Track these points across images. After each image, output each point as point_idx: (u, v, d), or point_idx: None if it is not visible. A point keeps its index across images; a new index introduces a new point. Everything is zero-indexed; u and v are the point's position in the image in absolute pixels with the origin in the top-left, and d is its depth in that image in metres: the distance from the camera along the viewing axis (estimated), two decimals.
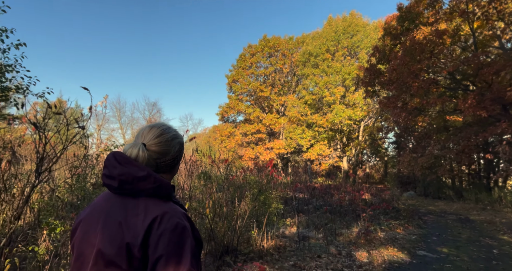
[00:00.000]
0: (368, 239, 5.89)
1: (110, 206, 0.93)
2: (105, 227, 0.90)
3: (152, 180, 0.92)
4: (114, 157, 0.95)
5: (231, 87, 29.60)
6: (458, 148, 13.25)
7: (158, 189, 0.93)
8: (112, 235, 0.87)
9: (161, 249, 0.83)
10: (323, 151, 25.42)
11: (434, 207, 13.95)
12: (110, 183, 0.94)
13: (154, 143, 1.01)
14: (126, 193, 0.93)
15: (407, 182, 20.23)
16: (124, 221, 0.88)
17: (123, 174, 0.91)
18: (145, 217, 0.87)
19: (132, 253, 0.84)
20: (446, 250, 5.89)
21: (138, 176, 0.91)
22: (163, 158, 1.02)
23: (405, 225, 8.16)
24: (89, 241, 0.91)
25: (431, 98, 11.25)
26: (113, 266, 0.85)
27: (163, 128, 1.05)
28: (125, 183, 0.91)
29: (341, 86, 24.72)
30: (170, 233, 0.85)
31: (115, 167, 0.93)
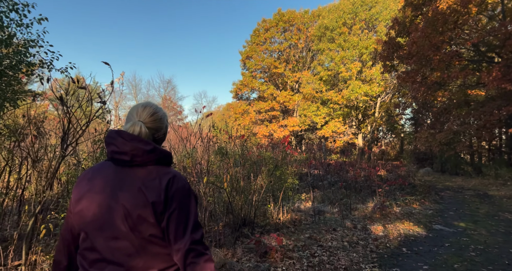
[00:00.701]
0: (384, 214, 5.94)
1: (123, 177, 1.09)
2: (127, 193, 1.06)
3: (158, 152, 1.11)
4: (120, 135, 1.10)
5: (245, 63, 29.20)
6: (479, 123, 12.85)
7: (163, 158, 1.13)
8: (137, 198, 1.04)
9: (176, 202, 1.06)
10: (338, 128, 25.16)
11: (451, 183, 13.80)
12: (121, 157, 1.09)
13: (149, 121, 1.18)
14: (135, 164, 1.09)
15: (423, 158, 19.95)
16: (143, 186, 1.06)
17: (134, 149, 1.07)
18: (161, 180, 1.07)
19: (157, 208, 1.03)
20: (463, 224, 5.88)
21: (147, 149, 1.09)
22: (157, 133, 1.20)
23: (421, 200, 8.15)
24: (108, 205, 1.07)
25: (452, 71, 10.78)
26: (143, 221, 1.03)
27: (154, 107, 1.22)
28: (136, 156, 1.08)
29: (358, 61, 23.97)
30: (181, 191, 1.08)
31: (125, 143, 1.08)
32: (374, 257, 4.07)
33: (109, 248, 1.06)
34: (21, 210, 3.22)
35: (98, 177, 1.12)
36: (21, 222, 3.02)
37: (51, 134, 4.29)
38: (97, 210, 1.07)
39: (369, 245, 4.48)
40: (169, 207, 1.05)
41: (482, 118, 12.61)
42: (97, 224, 1.07)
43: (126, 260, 1.04)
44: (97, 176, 1.13)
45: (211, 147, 7.36)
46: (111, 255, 1.05)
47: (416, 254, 4.25)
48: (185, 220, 1.06)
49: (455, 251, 4.37)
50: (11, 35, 3.58)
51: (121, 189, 1.07)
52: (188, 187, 1.12)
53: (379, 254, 4.19)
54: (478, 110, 12.44)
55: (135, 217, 1.03)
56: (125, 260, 1.04)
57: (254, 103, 29.29)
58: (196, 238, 1.07)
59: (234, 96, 31.03)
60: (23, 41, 3.60)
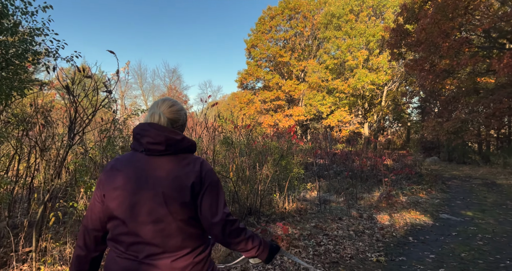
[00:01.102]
0: (390, 203, 5.92)
1: (157, 165, 1.20)
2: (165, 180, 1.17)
3: (187, 140, 1.25)
4: (153, 127, 1.21)
5: (250, 52, 28.88)
6: (488, 111, 12.64)
7: (191, 146, 1.26)
8: (174, 184, 1.16)
9: (208, 183, 1.21)
10: (344, 117, 24.95)
11: (459, 172, 13.70)
12: (156, 148, 1.19)
13: (168, 112, 1.28)
14: (168, 153, 1.20)
15: (430, 147, 19.79)
16: (179, 171, 1.18)
17: (169, 139, 1.19)
18: (194, 165, 1.21)
19: (195, 189, 1.18)
20: (471, 213, 5.85)
21: (178, 138, 1.21)
22: (176, 124, 1.30)
23: (427, 189, 8.11)
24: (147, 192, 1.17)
25: (462, 58, 10.54)
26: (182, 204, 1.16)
27: (172, 101, 1.34)
28: (170, 146, 1.19)
29: (365, 49, 23.55)
30: (211, 173, 1.24)
31: (159, 134, 1.19)
32: (380, 246, 4.08)
33: (148, 231, 1.16)
34: (30, 198, 3.26)
35: (130, 167, 1.22)
36: (31, 210, 3.07)
37: (58, 123, 4.31)
38: (135, 197, 1.17)
39: (375, 234, 4.49)
40: (203, 187, 1.20)
41: (492, 107, 12.39)
42: (135, 210, 1.16)
43: (164, 241, 1.16)
44: (129, 166, 1.22)
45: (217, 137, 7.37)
46: (150, 237, 1.16)
47: (422, 243, 4.25)
48: (217, 197, 1.23)
49: (462, 240, 4.36)
50: (16, 23, 3.55)
51: (157, 177, 1.17)
52: (213, 169, 1.30)
53: (385, 243, 4.20)
54: (487, 98, 12.21)
55: (174, 201, 1.15)
56: (163, 241, 1.16)
57: (259, 92, 29.11)
58: (227, 211, 1.24)
59: (239, 86, 30.87)
60: (28, 29, 3.57)
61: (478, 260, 3.62)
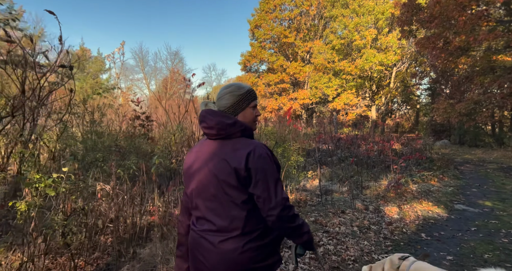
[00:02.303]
0: (399, 193, 5.36)
1: (213, 148, 1.29)
2: (216, 162, 1.25)
3: (239, 125, 1.29)
4: (208, 113, 1.31)
5: (254, 33, 27.79)
6: (504, 90, 11.79)
7: (244, 131, 1.29)
8: (222, 166, 1.23)
9: (255, 169, 1.20)
10: (351, 100, 24.11)
11: (471, 155, 13.02)
12: (210, 132, 1.29)
13: (217, 99, 1.37)
14: (222, 137, 1.28)
15: (440, 130, 19.02)
16: (227, 155, 1.24)
17: (219, 123, 1.27)
18: (243, 150, 1.23)
19: (239, 173, 1.20)
20: (490, 203, 5.28)
21: (228, 122, 1.27)
22: (224, 108, 1.34)
23: (439, 176, 7.52)
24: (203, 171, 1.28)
25: (480, 34, 9.65)
26: (229, 186, 1.22)
27: (225, 87, 1.38)
28: (221, 130, 1.27)
29: (373, 28, 22.39)
30: (263, 159, 1.22)
31: (211, 119, 1.28)
32: (388, 244, 3.56)
33: (206, 208, 1.28)
34: None
35: (199, 149, 1.35)
36: None
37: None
38: (197, 175, 1.30)
39: (383, 230, 3.95)
40: (250, 173, 1.20)
41: (509, 86, 11.54)
42: (198, 187, 1.29)
43: (216, 220, 1.25)
44: (199, 148, 1.36)
45: None
46: (207, 214, 1.27)
47: (437, 241, 3.71)
48: (269, 184, 1.20)
49: (484, 237, 3.81)
50: None
51: (211, 159, 1.26)
52: (268, 155, 1.24)
53: (394, 241, 3.67)
54: (504, 77, 11.34)
55: (222, 181, 1.22)
56: (216, 220, 1.25)
57: (263, 75, 28.27)
58: (285, 196, 1.23)
59: (243, 69, 29.98)
60: None
61: (506, 263, 3.08)
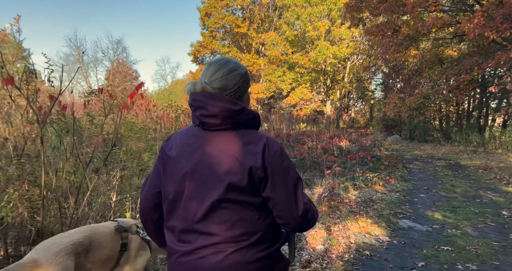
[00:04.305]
0: (333, 206, 4.19)
1: (216, 142, 0.99)
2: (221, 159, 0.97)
3: (247, 112, 1.01)
4: (206, 97, 0.99)
5: (204, 22, 25.97)
6: (452, 83, 11.38)
7: (252, 119, 1.03)
8: (231, 165, 0.95)
9: (274, 168, 0.97)
10: (305, 94, 23.29)
11: (420, 151, 12.58)
12: (211, 121, 0.99)
13: (213, 80, 1.03)
14: (226, 127, 0.99)
15: (392, 125, 18.76)
16: (237, 152, 0.97)
17: (225, 110, 0.97)
18: (256, 145, 0.98)
19: (255, 173, 0.96)
20: (440, 215, 4.28)
21: (236, 109, 0.98)
22: (224, 93, 1.03)
23: (386, 177, 6.58)
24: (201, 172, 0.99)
25: (428, 19, 8.95)
26: (238, 186, 0.95)
27: (220, 63, 1.06)
28: (227, 118, 0.98)
29: (327, 19, 21.70)
30: (280, 156, 0.99)
31: (213, 105, 0.97)
32: None
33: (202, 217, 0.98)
34: None
35: (190, 142, 1.03)
36: None
37: None
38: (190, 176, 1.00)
39: None
40: (268, 173, 0.97)
41: (456, 78, 11.12)
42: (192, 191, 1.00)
43: (219, 230, 0.97)
44: (190, 141, 1.03)
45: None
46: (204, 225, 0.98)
47: None
48: (292, 186, 1.00)
49: None
50: None
51: (215, 156, 0.98)
52: (284, 149, 1.03)
53: None
54: (453, 69, 10.88)
55: (231, 184, 0.96)
56: (219, 230, 0.97)
57: None
58: (306, 200, 1.03)
59: (194, 60, 28.07)
60: None
61: None
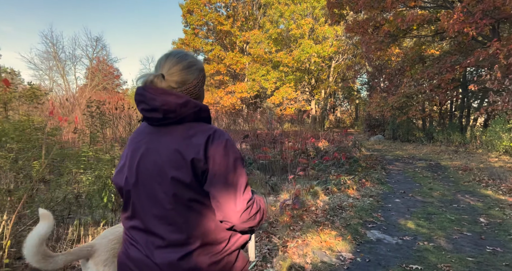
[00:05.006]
0: (295, 215, 3.75)
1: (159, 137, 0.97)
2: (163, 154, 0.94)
3: (193, 105, 0.96)
4: (146, 90, 0.96)
5: (187, 19, 25.28)
6: (433, 82, 11.16)
7: (199, 112, 0.99)
8: (173, 159, 0.92)
9: (217, 160, 0.92)
10: (289, 94, 22.88)
11: (402, 151, 12.34)
12: (153, 115, 0.96)
13: (172, 73, 1.00)
14: (170, 122, 0.96)
15: (375, 124, 18.56)
16: (179, 145, 0.93)
17: (165, 104, 0.93)
18: (200, 137, 0.94)
19: (197, 166, 0.91)
20: (413, 224, 3.90)
21: (180, 102, 0.94)
22: (184, 86, 1.01)
23: (361, 180, 6.21)
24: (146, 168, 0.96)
25: (408, 15, 8.65)
26: (182, 181, 0.91)
27: (180, 56, 1.03)
28: (169, 112, 0.94)
29: (310, 17, 21.38)
30: (223, 147, 0.94)
31: (154, 99, 0.94)
32: None
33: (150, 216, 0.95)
34: None
35: (138, 139, 1.02)
36: None
37: None
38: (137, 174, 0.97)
39: None
40: (209, 165, 0.93)
41: (437, 77, 10.90)
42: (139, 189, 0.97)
43: (166, 232, 0.93)
44: (138, 138, 1.02)
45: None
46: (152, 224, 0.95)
47: None
48: (234, 180, 0.94)
49: None
50: None
51: (158, 151, 0.96)
52: (232, 143, 0.98)
53: None
54: (433, 67, 10.65)
55: (175, 180, 0.92)
56: (165, 232, 0.93)
57: None
58: (247, 197, 0.97)
59: None
60: None
61: None
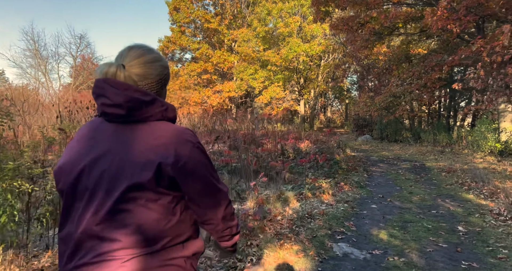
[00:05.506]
0: (257, 227, 3.39)
1: (119, 136, 0.88)
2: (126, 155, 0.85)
3: (160, 104, 0.91)
4: (108, 84, 0.86)
5: (173, 17, 24.76)
6: (420, 82, 10.94)
7: (166, 112, 0.92)
8: (136, 161, 0.84)
9: (193, 163, 0.87)
10: (277, 93, 22.54)
11: (388, 152, 12.11)
12: (115, 112, 0.87)
13: (134, 64, 0.92)
14: (133, 119, 0.88)
15: (363, 124, 18.34)
16: (145, 146, 0.85)
17: (130, 100, 0.85)
18: (168, 138, 0.87)
19: (164, 170, 0.84)
20: (386, 234, 3.58)
21: (146, 100, 0.87)
22: (145, 81, 0.93)
23: (340, 183, 5.90)
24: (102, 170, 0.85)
25: (391, 11, 8.39)
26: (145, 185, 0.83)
27: (144, 49, 0.95)
28: (134, 109, 0.86)
29: (298, 15, 21.09)
30: (195, 149, 0.89)
31: (117, 94, 0.85)
32: None
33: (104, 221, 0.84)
34: None
35: (91, 136, 0.90)
36: None
37: None
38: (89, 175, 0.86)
39: None
40: (180, 170, 0.86)
41: (423, 77, 10.68)
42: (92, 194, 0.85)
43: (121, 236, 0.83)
44: (91, 135, 0.91)
45: None
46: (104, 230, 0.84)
47: None
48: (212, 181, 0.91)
49: None
50: None
51: (118, 152, 0.85)
52: (198, 143, 0.92)
53: None
54: (419, 66, 10.44)
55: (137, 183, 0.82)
56: (121, 236, 0.83)
57: (186, 65, 25.52)
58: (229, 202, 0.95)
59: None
60: None
61: None
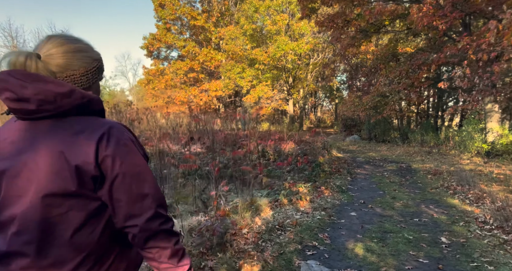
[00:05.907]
0: (216, 244, 2.98)
1: (32, 134, 0.76)
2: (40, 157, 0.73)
3: (79, 96, 0.77)
4: (13, 76, 0.73)
5: (158, 13, 24.15)
6: (407, 81, 10.69)
7: (89, 104, 0.80)
8: (52, 164, 0.72)
9: (119, 161, 0.76)
10: (265, 92, 22.16)
11: (376, 153, 11.83)
12: (23, 107, 0.74)
13: (53, 53, 0.79)
14: (46, 115, 0.76)
15: (351, 124, 18.10)
16: (62, 146, 0.74)
17: (40, 92, 0.73)
18: (92, 134, 0.75)
19: (85, 172, 0.74)
20: (362, 248, 3.21)
21: (61, 92, 0.74)
22: (66, 72, 0.80)
23: (320, 188, 5.54)
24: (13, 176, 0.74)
25: (376, 7, 8.08)
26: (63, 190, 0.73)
27: (67, 38, 0.82)
28: (45, 103, 0.74)
29: (286, 13, 20.73)
30: (122, 146, 0.78)
31: (24, 86, 0.72)
32: None
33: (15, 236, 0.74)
34: None
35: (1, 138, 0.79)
36: None
37: None
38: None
39: None
40: (111, 168, 0.75)
41: (411, 76, 10.43)
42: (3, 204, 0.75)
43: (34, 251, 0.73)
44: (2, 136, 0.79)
45: None
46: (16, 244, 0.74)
47: None
48: (141, 180, 0.79)
49: None
50: None
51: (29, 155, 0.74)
52: (132, 139, 0.81)
53: None
54: (406, 65, 10.18)
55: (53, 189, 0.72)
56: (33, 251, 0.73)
57: (172, 63, 24.94)
58: (161, 196, 0.82)
59: (148, 54, 26.13)
60: None
61: None
